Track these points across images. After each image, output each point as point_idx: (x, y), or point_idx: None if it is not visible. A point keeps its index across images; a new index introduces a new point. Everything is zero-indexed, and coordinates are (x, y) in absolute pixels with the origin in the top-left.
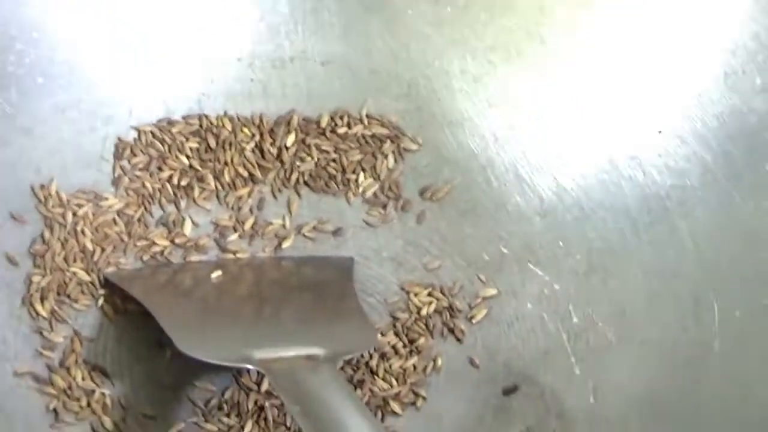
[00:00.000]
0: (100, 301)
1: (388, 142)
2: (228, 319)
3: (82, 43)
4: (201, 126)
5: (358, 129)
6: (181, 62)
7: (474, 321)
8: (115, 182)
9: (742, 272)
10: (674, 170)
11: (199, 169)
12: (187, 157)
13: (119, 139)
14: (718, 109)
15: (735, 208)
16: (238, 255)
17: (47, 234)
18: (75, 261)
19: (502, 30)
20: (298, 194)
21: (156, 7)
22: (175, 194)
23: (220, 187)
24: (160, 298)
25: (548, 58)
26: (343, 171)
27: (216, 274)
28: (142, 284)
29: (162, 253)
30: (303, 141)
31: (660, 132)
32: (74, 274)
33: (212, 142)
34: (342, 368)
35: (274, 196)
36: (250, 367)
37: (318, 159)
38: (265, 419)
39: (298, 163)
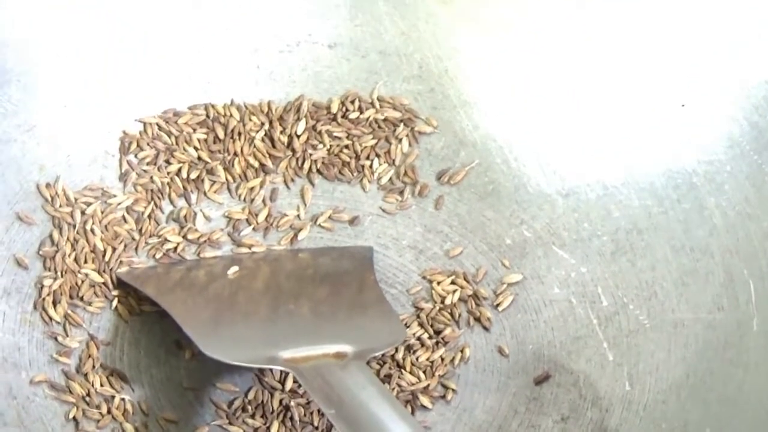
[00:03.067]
0: (114, 303)
1: (402, 125)
2: (249, 318)
3: (83, 35)
4: (208, 116)
5: (370, 113)
6: (184, 51)
7: (500, 308)
8: (123, 178)
9: None
10: (700, 144)
11: (209, 160)
12: (196, 148)
13: (124, 132)
14: (743, 80)
15: (765, 181)
16: (254, 249)
17: (56, 234)
18: (86, 262)
19: (515, 3)
20: (312, 183)
21: None
22: (185, 188)
23: (231, 179)
24: (176, 298)
25: (567, 33)
26: (357, 157)
27: (233, 271)
28: (156, 283)
29: (175, 249)
30: (314, 128)
31: (683, 105)
32: (86, 275)
33: (220, 133)
34: (368, 363)
35: (287, 186)
36: (277, 367)
37: (330, 146)
38: (291, 419)
39: (309, 150)
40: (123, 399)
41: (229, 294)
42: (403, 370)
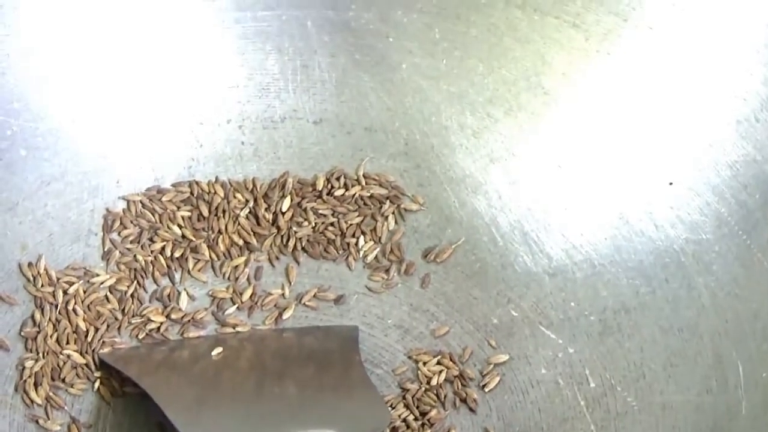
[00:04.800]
0: (97, 384)
1: (388, 202)
2: (232, 400)
3: (65, 112)
4: (192, 193)
5: (355, 190)
6: (168, 127)
7: (487, 389)
8: (105, 256)
9: (765, 329)
10: (688, 223)
11: (193, 239)
12: (180, 226)
13: (107, 210)
14: (731, 158)
15: (753, 261)
16: (238, 329)
17: (38, 315)
18: (68, 342)
19: (501, 81)
20: (297, 261)
21: (139, 71)
22: (168, 266)
23: (215, 257)
24: (158, 379)
25: (550, 109)
26: (343, 235)
27: (217, 351)
28: (139, 364)
29: (158, 329)
30: (299, 205)
31: (671, 184)
32: (68, 356)
33: (204, 210)
34: None
35: (272, 264)
36: None
37: (315, 223)
38: None
39: (294, 228)
40: None
41: (213, 375)
42: None
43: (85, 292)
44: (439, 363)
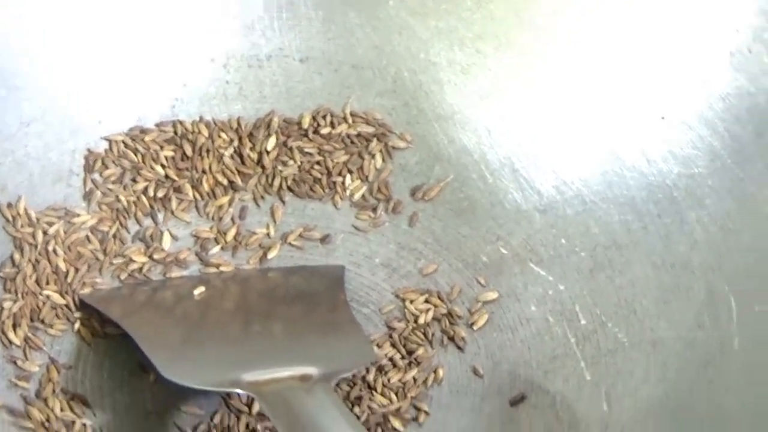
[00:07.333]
0: (77, 325)
1: (375, 140)
2: (214, 340)
3: (46, 51)
4: (176, 133)
5: (342, 128)
6: (151, 66)
7: (475, 328)
8: (87, 197)
9: (757, 264)
10: (680, 158)
11: (176, 178)
12: (163, 166)
13: (89, 150)
14: (723, 91)
15: (747, 195)
16: (222, 268)
17: (17, 256)
18: (48, 283)
19: (490, 17)
20: (282, 201)
21: (122, 9)
22: (151, 207)
23: (199, 197)
24: (140, 320)
25: (540, 44)
26: (329, 174)
27: (199, 291)
28: (121, 305)
29: (140, 270)
30: (284, 144)
31: (663, 118)
32: (48, 297)
33: (188, 150)
34: (338, 385)
35: (257, 204)
36: (240, 391)
37: (301, 162)
38: None
39: (280, 167)
40: (84, 424)
41: (197, 316)
42: (374, 392)
43: (65, 232)
44: (426, 301)
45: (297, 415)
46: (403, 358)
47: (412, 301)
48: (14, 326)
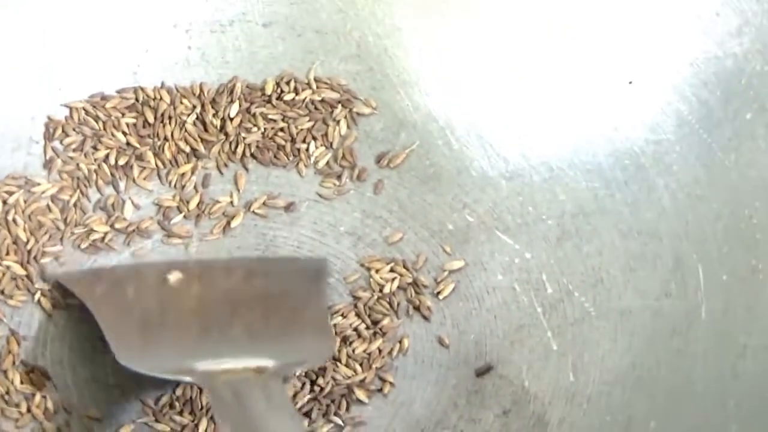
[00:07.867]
0: (37, 296)
1: (339, 106)
2: (174, 327)
3: (3, 14)
4: (137, 99)
5: (306, 94)
6: (111, 32)
7: (441, 297)
8: (47, 165)
9: (726, 231)
10: (648, 123)
11: (138, 146)
12: (124, 133)
13: (49, 118)
14: (691, 55)
15: (715, 161)
16: (185, 239)
17: None
18: (8, 253)
19: None
20: (246, 168)
21: None
22: (112, 175)
23: (161, 165)
24: (105, 301)
25: (506, 9)
26: (293, 141)
27: (175, 276)
28: (90, 285)
29: (102, 239)
30: (248, 110)
31: (630, 83)
32: (7, 267)
33: (150, 117)
34: None
35: (220, 172)
36: (188, 380)
37: (265, 129)
38: None
39: (243, 134)
40: (44, 397)
41: (165, 303)
42: (338, 363)
43: (25, 201)
44: (392, 270)
45: (243, 408)
46: (368, 328)
47: (377, 270)
48: None
